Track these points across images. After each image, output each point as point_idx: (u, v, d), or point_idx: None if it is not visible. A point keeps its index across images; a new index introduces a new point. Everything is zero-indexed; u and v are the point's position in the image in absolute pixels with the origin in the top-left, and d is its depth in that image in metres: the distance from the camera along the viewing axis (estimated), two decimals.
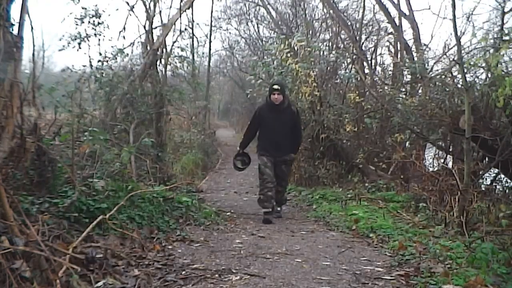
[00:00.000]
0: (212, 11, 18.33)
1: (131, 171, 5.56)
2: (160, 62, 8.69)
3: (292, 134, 5.58)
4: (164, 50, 8.72)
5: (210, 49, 17.05)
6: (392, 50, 11.24)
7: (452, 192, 4.90)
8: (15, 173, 3.10)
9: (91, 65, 8.31)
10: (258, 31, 20.80)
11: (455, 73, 7.29)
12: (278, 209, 5.76)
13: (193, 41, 12.73)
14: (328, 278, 2.88)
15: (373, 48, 11.96)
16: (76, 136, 4.20)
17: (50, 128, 4.48)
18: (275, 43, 9.56)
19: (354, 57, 9.88)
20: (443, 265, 3.13)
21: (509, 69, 5.38)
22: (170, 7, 9.44)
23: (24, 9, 2.97)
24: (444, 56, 9.54)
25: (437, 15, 17.94)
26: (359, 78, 9.17)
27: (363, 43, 11.32)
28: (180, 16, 8.92)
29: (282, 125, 5.48)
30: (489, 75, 5.83)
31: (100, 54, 8.41)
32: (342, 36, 11.29)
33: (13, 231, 2.31)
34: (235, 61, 23.36)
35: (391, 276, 2.97)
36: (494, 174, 6.48)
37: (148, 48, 8.46)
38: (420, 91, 8.68)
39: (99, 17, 8.19)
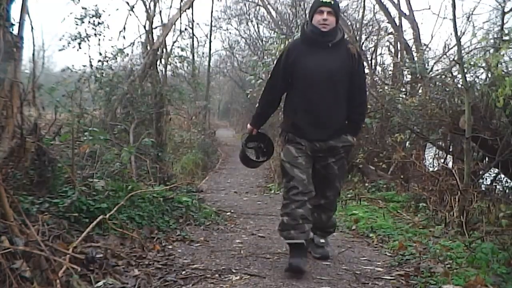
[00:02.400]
0: (212, 11, 18.36)
1: (131, 171, 5.57)
2: (160, 62, 8.70)
3: (349, 96, 3.05)
4: (164, 50, 8.73)
5: (210, 49, 17.06)
6: (392, 50, 11.28)
7: (452, 192, 4.90)
8: (15, 173, 3.10)
9: (91, 65, 8.33)
10: (258, 31, 20.84)
11: (455, 73, 7.31)
12: (322, 241, 3.33)
13: (193, 41, 12.77)
14: (328, 278, 2.88)
15: (373, 48, 12.00)
16: (76, 136, 4.20)
17: (50, 128, 4.49)
18: (275, 43, 9.54)
19: None
20: (443, 265, 3.13)
21: (509, 69, 5.38)
22: (170, 7, 9.46)
23: (24, 9, 2.96)
24: (444, 56, 9.56)
25: (437, 15, 17.95)
26: None
27: (363, 43, 11.33)
28: (180, 16, 8.94)
29: (331, 77, 2.95)
30: (489, 75, 5.84)
31: (100, 54, 8.43)
32: None
33: (13, 231, 2.31)
34: (235, 61, 23.39)
35: (391, 276, 2.97)
36: (494, 174, 6.47)
37: (148, 48, 8.47)
38: (420, 91, 8.68)
39: (99, 17, 8.20)
